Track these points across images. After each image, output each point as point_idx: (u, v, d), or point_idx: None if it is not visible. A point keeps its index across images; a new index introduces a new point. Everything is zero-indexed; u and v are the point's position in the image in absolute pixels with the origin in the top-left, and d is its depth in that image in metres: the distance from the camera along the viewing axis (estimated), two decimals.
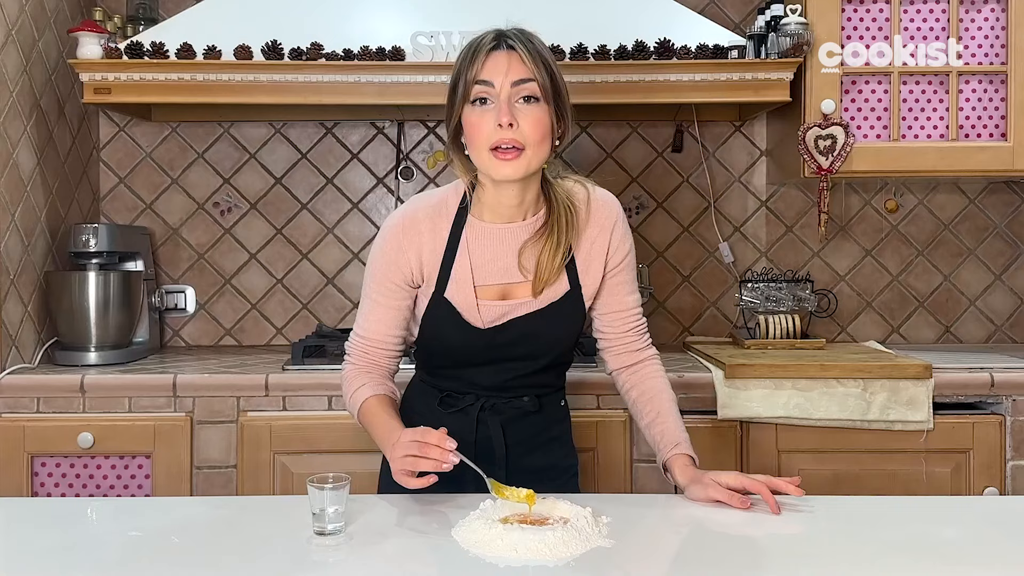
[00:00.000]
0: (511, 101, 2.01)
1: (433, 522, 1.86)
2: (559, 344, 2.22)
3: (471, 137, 2.05)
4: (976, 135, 3.36)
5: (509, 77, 2.01)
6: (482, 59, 2.02)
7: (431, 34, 3.25)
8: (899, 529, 1.88)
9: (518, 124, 2.01)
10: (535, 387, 2.25)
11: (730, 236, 3.87)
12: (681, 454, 2.12)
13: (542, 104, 2.03)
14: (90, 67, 3.23)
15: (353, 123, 3.85)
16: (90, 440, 2.98)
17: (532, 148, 2.03)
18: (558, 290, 2.17)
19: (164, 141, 3.83)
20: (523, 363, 2.20)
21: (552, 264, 2.12)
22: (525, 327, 2.16)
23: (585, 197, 2.20)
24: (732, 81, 3.29)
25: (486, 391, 2.22)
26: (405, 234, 2.15)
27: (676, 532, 1.90)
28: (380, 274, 2.18)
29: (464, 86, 2.03)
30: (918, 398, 3.01)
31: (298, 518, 1.84)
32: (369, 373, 2.20)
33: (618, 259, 2.22)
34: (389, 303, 2.18)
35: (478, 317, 2.14)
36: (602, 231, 2.20)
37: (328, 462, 2.85)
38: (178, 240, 3.83)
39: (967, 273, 3.89)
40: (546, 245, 2.13)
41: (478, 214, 2.16)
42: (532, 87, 2.02)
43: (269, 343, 3.87)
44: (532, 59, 2.01)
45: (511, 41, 2.03)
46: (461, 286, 2.14)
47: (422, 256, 2.15)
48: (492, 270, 2.15)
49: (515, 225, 2.15)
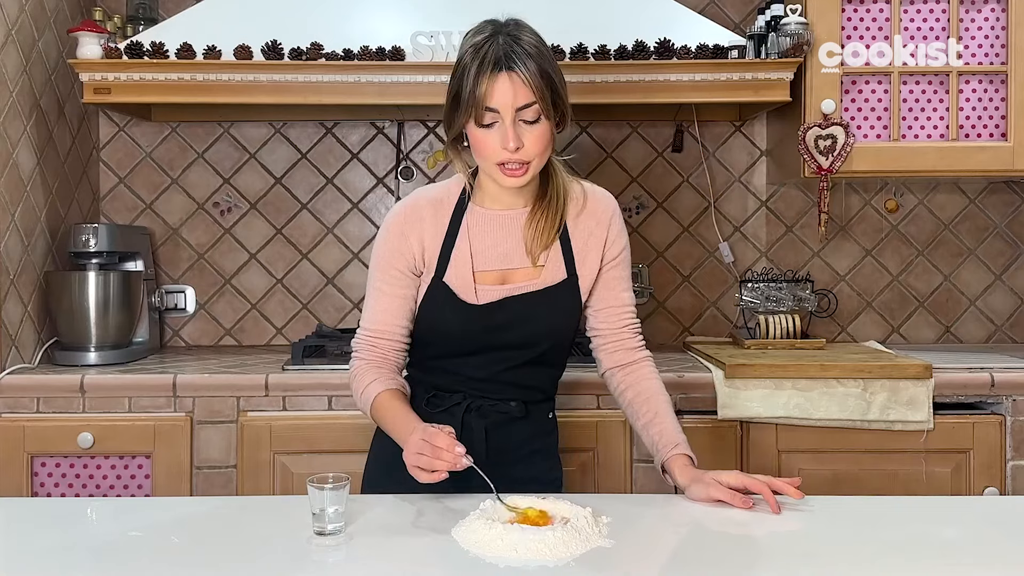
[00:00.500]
0: (515, 122, 2.04)
1: (433, 522, 1.86)
2: (554, 333, 2.23)
3: (477, 151, 2.10)
4: (976, 135, 3.36)
5: (514, 103, 2.03)
6: (485, 83, 2.03)
7: (431, 34, 3.25)
8: (899, 529, 1.88)
9: (523, 144, 2.04)
10: (524, 388, 2.25)
11: (730, 236, 3.87)
12: (680, 454, 2.12)
13: (544, 120, 2.06)
14: (90, 67, 3.23)
15: (353, 123, 3.85)
16: (90, 440, 2.98)
17: (536, 159, 2.08)
18: (555, 275, 2.20)
19: (164, 141, 3.83)
20: (516, 352, 2.20)
21: (545, 227, 2.17)
22: (522, 308, 2.17)
23: (581, 189, 2.26)
24: (732, 81, 3.29)
25: (475, 386, 2.22)
26: (407, 220, 2.19)
27: (676, 532, 1.90)
28: (384, 262, 2.20)
29: (469, 108, 2.05)
30: (918, 398, 3.01)
31: (298, 518, 1.84)
32: (379, 368, 2.19)
33: (615, 252, 2.25)
34: (395, 292, 2.19)
35: (475, 297, 2.17)
36: (599, 224, 2.24)
37: (328, 462, 2.84)
38: (178, 240, 3.83)
39: (967, 273, 3.88)
40: (539, 211, 2.18)
41: (479, 201, 2.21)
42: (535, 109, 2.04)
43: (269, 343, 3.86)
44: (533, 79, 2.03)
45: (514, 62, 2.03)
46: (460, 270, 2.17)
47: (424, 241, 2.18)
48: (492, 255, 2.18)
49: (516, 211, 2.20)
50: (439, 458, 1.86)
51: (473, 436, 2.19)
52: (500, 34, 2.07)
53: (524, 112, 2.04)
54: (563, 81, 2.11)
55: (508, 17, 2.13)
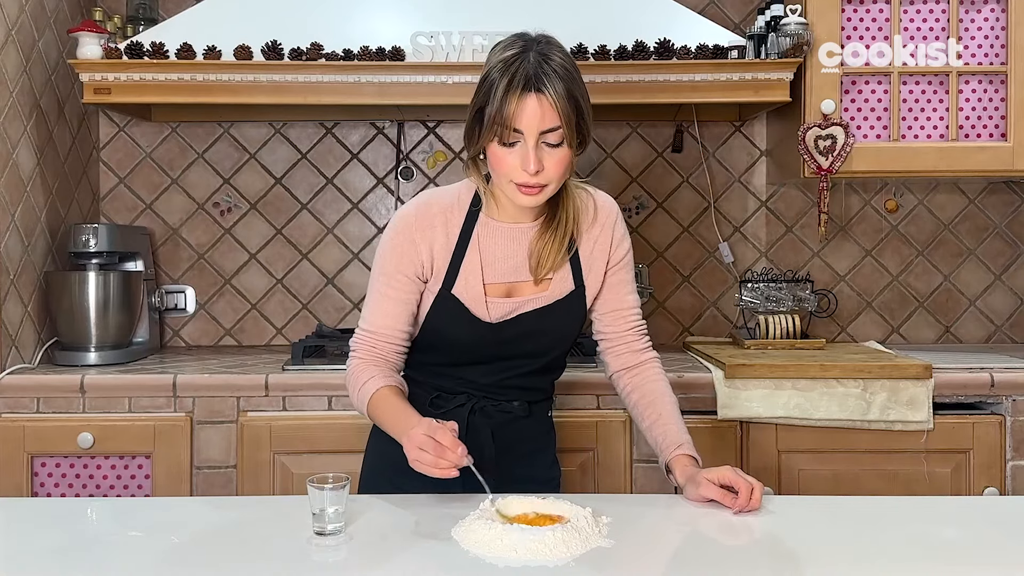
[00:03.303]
0: (538, 145, 2.00)
1: (433, 522, 1.86)
2: (562, 342, 2.24)
3: (495, 168, 2.05)
4: (976, 135, 3.37)
5: (540, 126, 1.99)
6: (513, 103, 1.98)
7: (431, 34, 3.25)
8: (899, 529, 1.88)
9: (543, 168, 2.01)
10: (528, 390, 2.25)
11: (730, 236, 3.87)
12: (683, 455, 2.12)
13: (566, 146, 2.02)
14: (90, 67, 3.23)
15: (353, 123, 3.85)
16: (90, 440, 2.98)
17: (554, 183, 2.05)
18: (563, 288, 2.19)
19: (164, 141, 3.83)
20: (525, 361, 2.21)
21: (553, 249, 2.15)
22: (533, 323, 2.17)
23: (592, 201, 2.23)
24: (732, 81, 3.29)
25: (479, 391, 2.22)
26: (418, 226, 2.15)
27: (676, 532, 1.90)
28: (391, 266, 2.16)
29: (495, 127, 2.00)
30: (918, 398, 3.01)
31: (298, 518, 1.84)
32: (377, 366, 2.17)
33: (620, 255, 2.25)
34: (398, 296, 2.16)
35: (487, 313, 2.15)
36: (604, 230, 2.23)
37: (328, 462, 2.84)
38: (178, 240, 3.84)
39: (967, 273, 3.89)
40: (548, 233, 2.15)
41: (490, 211, 2.17)
42: (559, 134, 2.00)
43: (269, 343, 3.87)
44: (561, 103, 1.98)
45: (543, 84, 1.98)
46: (470, 283, 2.14)
47: (433, 250, 2.14)
48: (502, 268, 2.16)
49: (527, 225, 2.17)
50: (443, 457, 1.86)
51: (480, 437, 2.19)
52: (531, 51, 2.01)
53: (548, 135, 2.00)
54: (589, 105, 2.07)
55: (538, 32, 2.08)
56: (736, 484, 1.96)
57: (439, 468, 1.86)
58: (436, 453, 1.86)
